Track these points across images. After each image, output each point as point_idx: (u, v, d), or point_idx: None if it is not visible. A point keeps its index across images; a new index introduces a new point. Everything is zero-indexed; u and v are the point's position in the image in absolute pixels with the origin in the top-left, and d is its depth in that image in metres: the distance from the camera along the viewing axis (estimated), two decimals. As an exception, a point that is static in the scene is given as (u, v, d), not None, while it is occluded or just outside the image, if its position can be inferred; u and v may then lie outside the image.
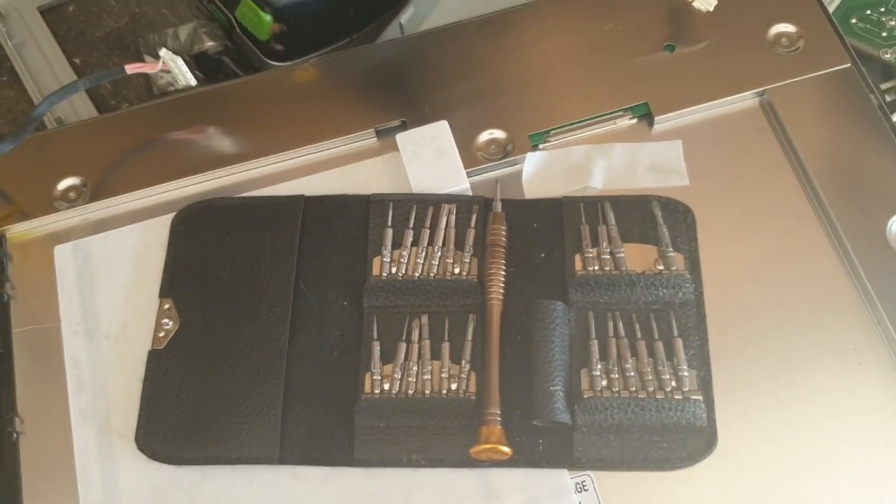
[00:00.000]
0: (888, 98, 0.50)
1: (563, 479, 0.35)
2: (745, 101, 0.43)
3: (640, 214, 0.40)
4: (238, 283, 0.39)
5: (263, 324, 0.38)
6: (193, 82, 0.43)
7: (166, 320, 0.39)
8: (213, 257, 0.40)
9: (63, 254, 0.42)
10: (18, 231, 0.43)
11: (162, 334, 0.39)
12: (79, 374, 0.39)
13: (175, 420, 0.37)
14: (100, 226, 0.43)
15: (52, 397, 0.39)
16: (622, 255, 0.38)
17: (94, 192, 0.43)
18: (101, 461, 0.37)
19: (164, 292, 0.40)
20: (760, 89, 0.43)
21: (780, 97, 0.43)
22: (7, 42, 0.56)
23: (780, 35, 0.44)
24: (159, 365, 0.38)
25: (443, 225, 0.39)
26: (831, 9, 0.52)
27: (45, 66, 0.56)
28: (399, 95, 0.45)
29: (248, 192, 0.42)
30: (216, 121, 0.45)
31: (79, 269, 0.41)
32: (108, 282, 0.41)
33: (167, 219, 0.42)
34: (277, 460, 0.36)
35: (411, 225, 0.39)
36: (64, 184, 0.44)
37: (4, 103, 0.55)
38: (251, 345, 0.38)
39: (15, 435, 0.38)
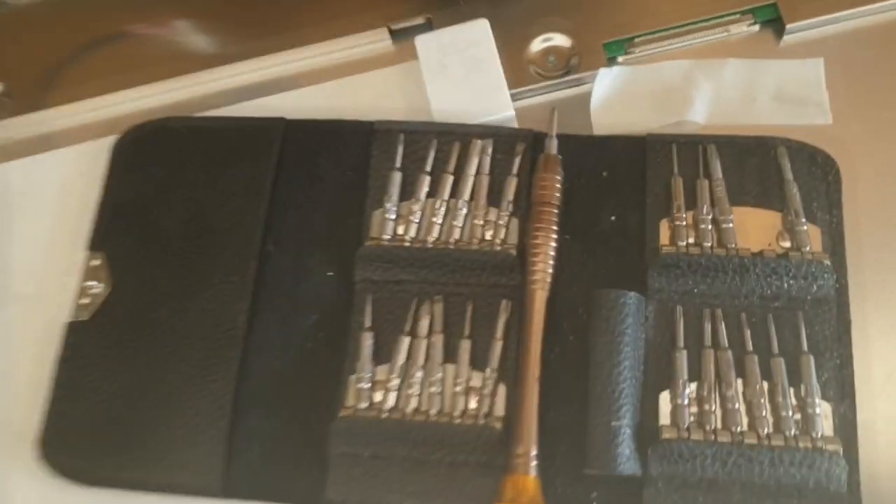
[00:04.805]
0: None
1: (623, 553, 0.27)
2: (919, 7, 0.34)
3: (759, 165, 0.31)
4: (189, 236, 0.33)
5: (216, 296, 0.31)
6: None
7: (93, 283, 0.32)
8: (161, 199, 0.34)
9: (-26, 184, 0.36)
10: (-78, 151, 0.37)
11: (86, 300, 0.32)
12: (-20, 347, 0.32)
13: (92, 423, 0.30)
14: (25, 147, 0.37)
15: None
16: (730, 225, 0.30)
17: (19, 103, 0.37)
18: (-7, 472, 0.30)
19: (95, 244, 0.33)
20: (945, -10, 0.33)
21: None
22: None
23: None
24: (79, 343, 0.32)
25: (473, 170, 0.32)
26: None
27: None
28: (426, -18, 0.37)
29: (217, 108, 0.35)
30: (187, 12, 0.37)
31: (-8, 206, 0.35)
32: (26, 224, 0.35)
33: (108, 142, 0.35)
34: (219, 492, 0.29)
35: (428, 168, 0.32)
36: (-18, 91, 0.38)
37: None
38: (199, 325, 0.31)
39: None
